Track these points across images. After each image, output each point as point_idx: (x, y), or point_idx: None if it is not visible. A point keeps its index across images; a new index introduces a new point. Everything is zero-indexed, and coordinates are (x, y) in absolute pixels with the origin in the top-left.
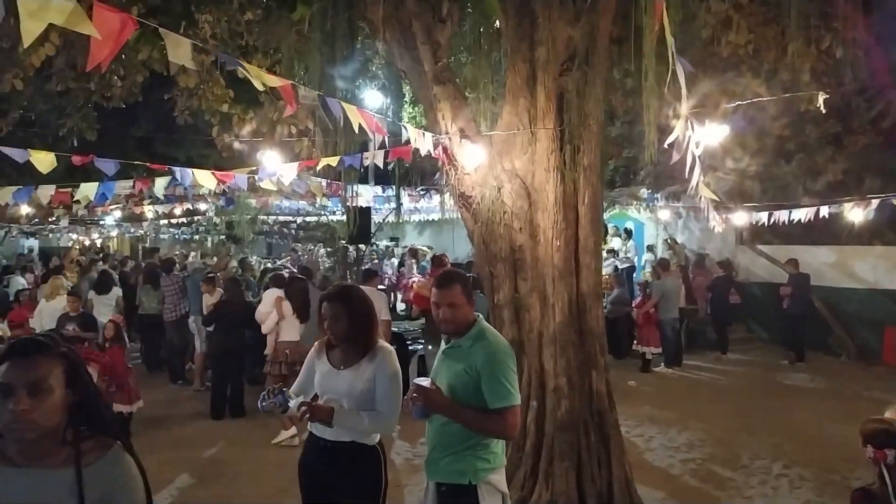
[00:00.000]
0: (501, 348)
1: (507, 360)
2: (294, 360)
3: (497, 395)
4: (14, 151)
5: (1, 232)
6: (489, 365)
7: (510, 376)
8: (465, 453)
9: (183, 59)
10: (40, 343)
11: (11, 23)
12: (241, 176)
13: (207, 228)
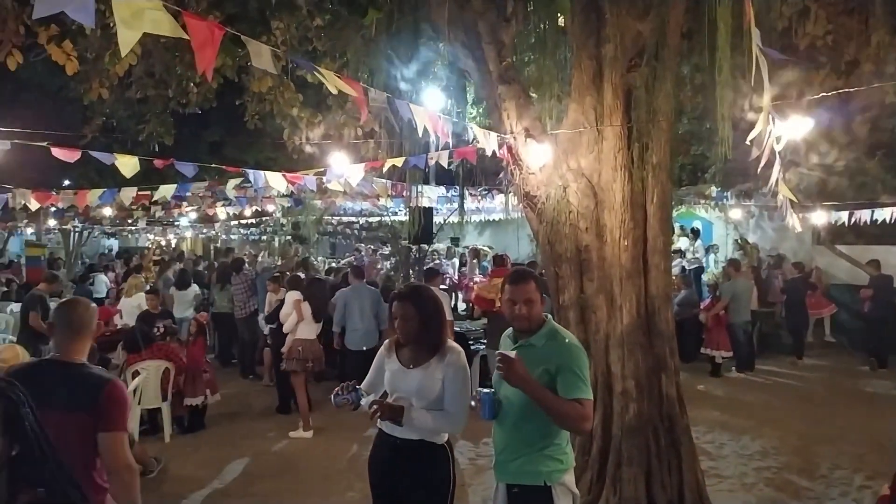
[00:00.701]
0: (577, 345)
1: (583, 357)
2: (306, 357)
3: (574, 387)
4: (101, 155)
5: (84, 232)
6: (566, 360)
7: (586, 372)
8: (540, 455)
9: (265, 64)
10: None
11: (98, 34)
12: (310, 177)
13: (275, 229)
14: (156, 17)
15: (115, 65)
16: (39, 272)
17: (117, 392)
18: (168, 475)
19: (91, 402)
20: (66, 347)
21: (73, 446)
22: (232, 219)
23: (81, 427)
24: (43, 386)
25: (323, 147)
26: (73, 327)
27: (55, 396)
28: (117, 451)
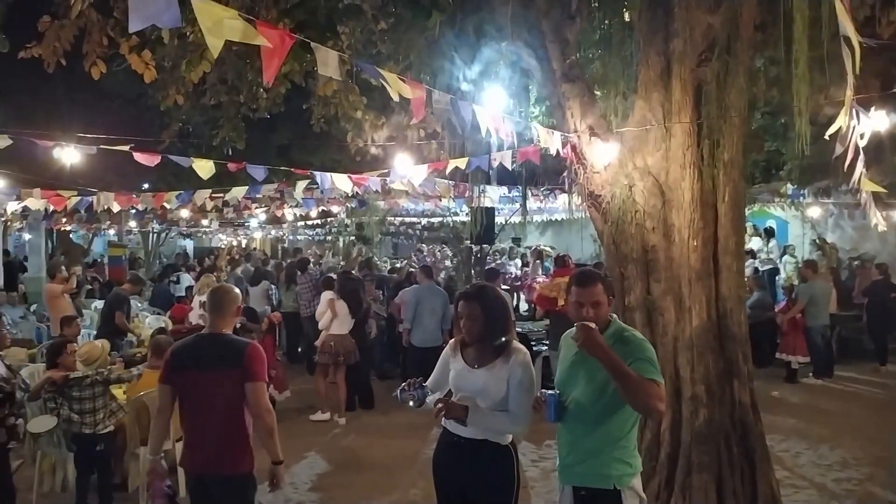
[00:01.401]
0: (646, 341)
1: (653, 351)
2: (338, 351)
3: (646, 371)
4: (179, 158)
5: (162, 234)
6: (638, 352)
7: (657, 363)
8: (609, 458)
9: (332, 71)
10: None
11: (176, 43)
12: (374, 178)
13: (339, 230)
14: (234, 26)
15: (191, 72)
16: (121, 271)
17: (256, 352)
18: None
19: (238, 360)
20: (215, 323)
21: (227, 395)
22: (298, 220)
23: (233, 380)
24: (202, 352)
25: (386, 149)
26: (220, 308)
27: (211, 359)
28: (259, 397)
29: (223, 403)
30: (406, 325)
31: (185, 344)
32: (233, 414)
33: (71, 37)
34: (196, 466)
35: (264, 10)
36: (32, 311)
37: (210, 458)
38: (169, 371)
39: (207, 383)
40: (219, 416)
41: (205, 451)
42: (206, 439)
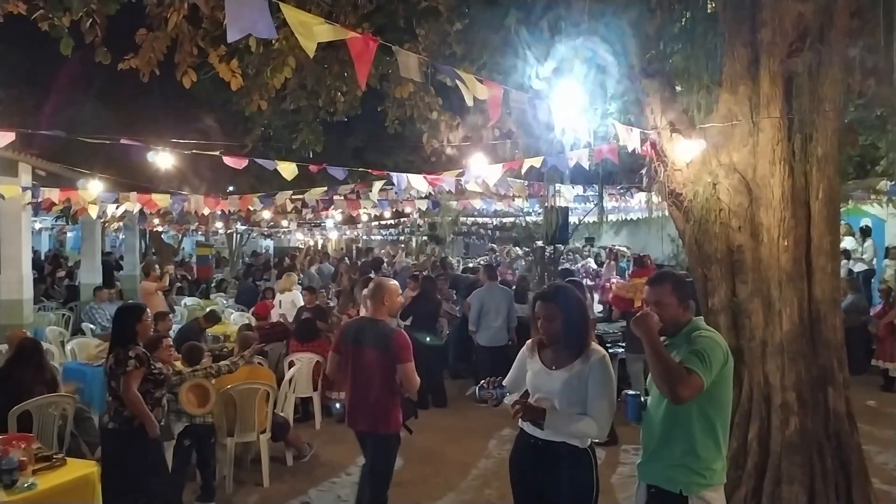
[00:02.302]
0: (713, 339)
1: (715, 348)
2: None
3: (688, 359)
4: (264, 161)
5: (245, 234)
6: (692, 345)
7: (712, 359)
8: (678, 463)
9: (413, 73)
10: None
11: (261, 50)
12: (449, 178)
13: (412, 230)
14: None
15: (274, 79)
16: (208, 270)
17: (401, 338)
18: (319, 460)
19: (386, 343)
20: (373, 311)
21: (378, 370)
22: (373, 220)
23: (381, 358)
24: (362, 332)
25: (461, 149)
26: (376, 299)
27: (367, 339)
28: (409, 376)
29: (375, 376)
30: (471, 327)
31: (351, 324)
32: (383, 385)
33: (164, 48)
34: (358, 426)
35: (342, 16)
36: None
37: (368, 420)
38: (339, 343)
39: (363, 358)
40: (372, 386)
41: (364, 414)
42: (365, 404)
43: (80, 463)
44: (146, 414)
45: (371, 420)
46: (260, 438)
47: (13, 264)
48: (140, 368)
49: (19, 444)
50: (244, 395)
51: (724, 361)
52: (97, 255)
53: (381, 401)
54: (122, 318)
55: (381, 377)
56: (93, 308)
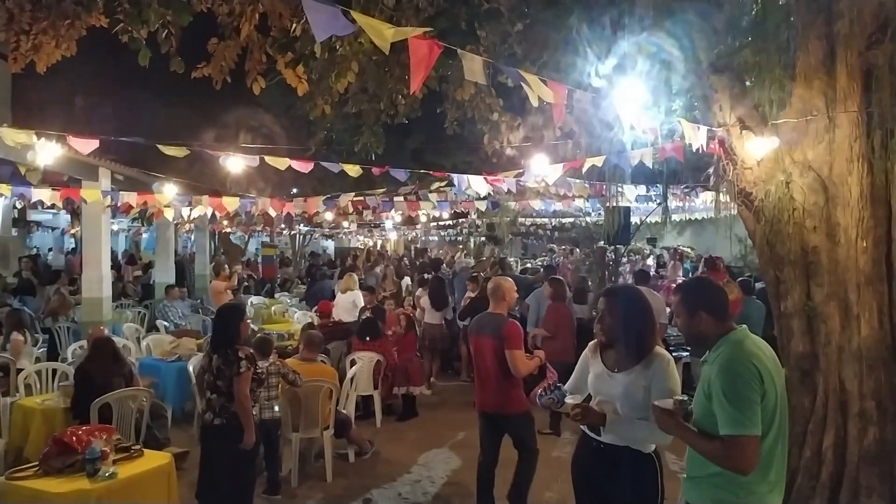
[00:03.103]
0: (739, 363)
1: (737, 378)
2: (431, 336)
3: (722, 420)
4: (330, 164)
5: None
6: (718, 381)
7: (740, 399)
8: (708, 480)
9: (477, 76)
10: None
11: (326, 56)
12: (509, 179)
13: (470, 231)
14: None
15: (338, 83)
16: (273, 269)
17: (512, 327)
18: (380, 457)
19: (500, 332)
20: (493, 306)
21: (500, 357)
22: (431, 221)
23: (500, 347)
24: (482, 324)
25: (521, 149)
26: (496, 295)
27: (488, 330)
28: (516, 362)
29: (494, 362)
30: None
31: (475, 317)
32: (500, 370)
33: (235, 56)
34: (485, 407)
35: (403, 21)
36: (200, 304)
37: (492, 401)
38: (468, 334)
39: (484, 347)
40: (492, 370)
41: (488, 396)
42: (488, 387)
43: (156, 454)
44: (251, 415)
45: (496, 402)
46: (323, 435)
47: (94, 264)
48: (250, 370)
49: (101, 435)
50: (309, 391)
51: (761, 389)
52: (171, 255)
53: (501, 384)
54: (227, 318)
55: (498, 363)
56: (165, 306)
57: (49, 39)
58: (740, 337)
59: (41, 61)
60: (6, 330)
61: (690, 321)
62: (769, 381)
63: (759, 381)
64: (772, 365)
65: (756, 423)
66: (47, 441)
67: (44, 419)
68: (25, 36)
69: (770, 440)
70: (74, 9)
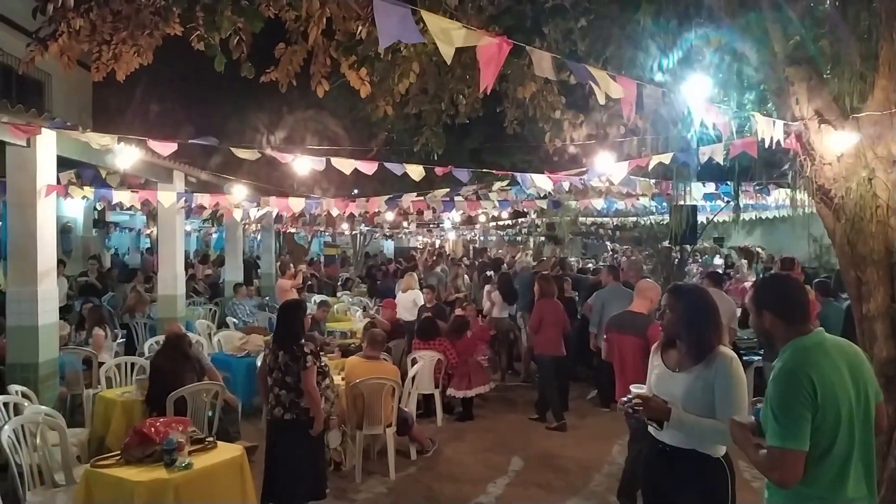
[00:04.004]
0: (793, 373)
1: (791, 390)
2: (497, 329)
3: (768, 430)
4: (393, 165)
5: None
6: (770, 389)
7: (787, 411)
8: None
9: (546, 72)
10: None
11: (389, 57)
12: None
13: (530, 230)
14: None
15: (399, 85)
16: (335, 269)
17: (656, 329)
18: (441, 456)
19: (644, 332)
20: (636, 305)
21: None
22: (490, 220)
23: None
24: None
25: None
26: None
27: (632, 329)
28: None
29: (638, 359)
30: (592, 329)
31: (616, 315)
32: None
33: (301, 60)
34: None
35: (465, 20)
36: (266, 302)
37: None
38: (608, 331)
39: (627, 344)
40: (636, 367)
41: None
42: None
43: (228, 446)
44: (320, 405)
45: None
46: (386, 432)
47: (168, 263)
48: (315, 363)
49: (177, 426)
50: (371, 389)
51: (812, 405)
52: (239, 254)
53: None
54: (292, 314)
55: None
56: (234, 304)
57: (128, 49)
58: (808, 343)
59: (121, 70)
60: (88, 325)
61: (756, 320)
62: (828, 396)
63: (812, 395)
64: (844, 376)
65: (800, 437)
66: (127, 431)
67: (123, 410)
68: (107, 46)
69: (839, 454)
70: (152, 18)
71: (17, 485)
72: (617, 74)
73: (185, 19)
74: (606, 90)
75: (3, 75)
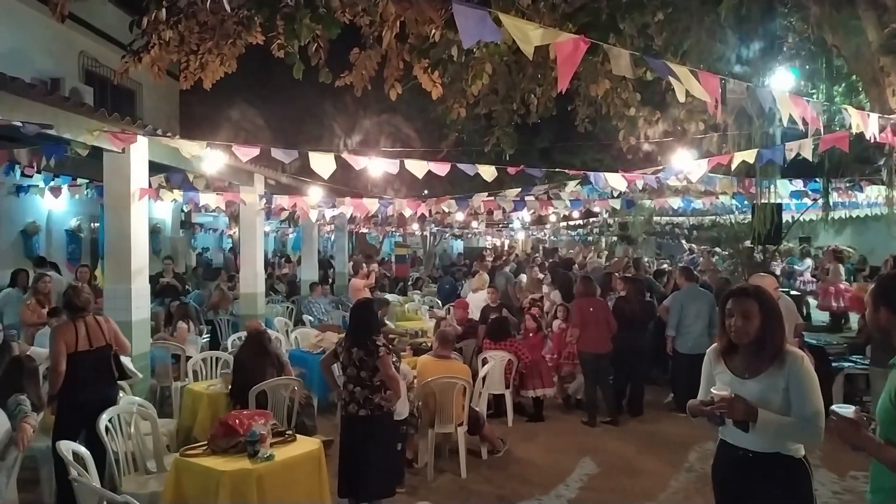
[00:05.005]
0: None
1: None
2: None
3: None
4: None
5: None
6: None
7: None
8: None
9: (624, 70)
10: None
11: (463, 60)
12: (648, 176)
13: (601, 230)
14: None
15: (472, 86)
16: (406, 268)
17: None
18: (512, 457)
19: None
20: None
21: None
22: (560, 220)
23: None
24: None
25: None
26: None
27: None
28: None
29: None
30: (670, 332)
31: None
32: None
33: (375, 64)
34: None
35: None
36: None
37: None
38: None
39: None
40: None
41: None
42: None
43: (307, 440)
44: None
45: None
46: (457, 431)
47: (249, 262)
48: (389, 353)
49: (259, 419)
50: (443, 388)
51: None
52: (314, 254)
53: None
54: (368, 311)
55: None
56: (310, 301)
57: (214, 58)
58: None
59: (207, 78)
60: (175, 320)
61: (873, 315)
62: None
63: None
64: None
65: None
66: (213, 422)
67: (209, 402)
68: (194, 56)
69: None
70: (235, 28)
71: (114, 471)
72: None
73: (266, 28)
74: (688, 87)
75: (99, 86)
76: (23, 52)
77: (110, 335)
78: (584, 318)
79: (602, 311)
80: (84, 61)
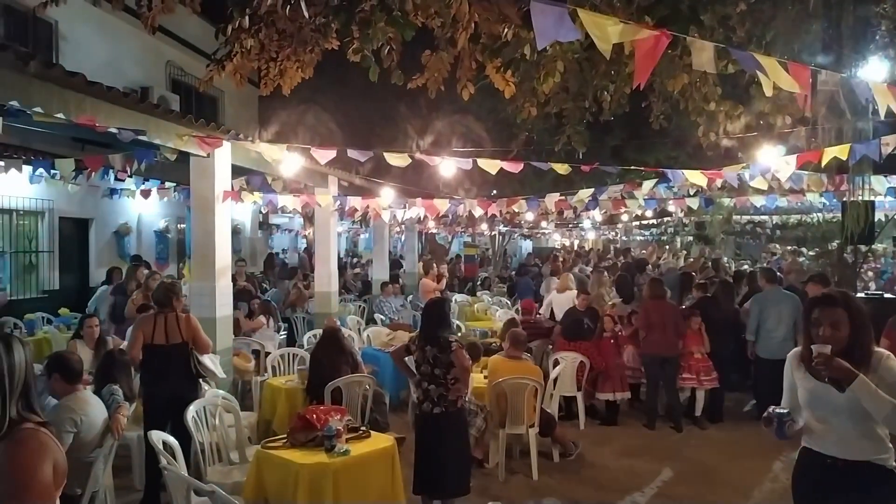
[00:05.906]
0: None
1: None
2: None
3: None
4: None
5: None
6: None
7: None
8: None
9: (706, 64)
10: None
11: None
12: (731, 173)
13: (676, 229)
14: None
15: (544, 84)
16: (474, 268)
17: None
18: (584, 461)
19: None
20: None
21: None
22: (633, 220)
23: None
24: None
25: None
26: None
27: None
28: None
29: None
30: (749, 336)
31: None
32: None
33: (448, 65)
34: None
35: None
36: (409, 300)
37: None
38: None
39: None
40: None
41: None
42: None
43: (381, 436)
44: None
45: None
46: (529, 432)
47: (324, 262)
48: (462, 346)
49: (335, 415)
50: (514, 388)
51: None
52: (385, 254)
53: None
54: (440, 309)
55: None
56: (381, 301)
57: (292, 64)
58: None
59: (286, 84)
60: (258, 314)
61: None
62: None
63: None
64: None
65: None
66: (291, 416)
67: (287, 397)
68: (273, 63)
69: None
70: (313, 35)
71: (199, 460)
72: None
73: (342, 34)
74: (776, 79)
75: (184, 94)
76: (116, 63)
77: (188, 334)
78: (649, 320)
79: (670, 314)
80: (171, 70)
